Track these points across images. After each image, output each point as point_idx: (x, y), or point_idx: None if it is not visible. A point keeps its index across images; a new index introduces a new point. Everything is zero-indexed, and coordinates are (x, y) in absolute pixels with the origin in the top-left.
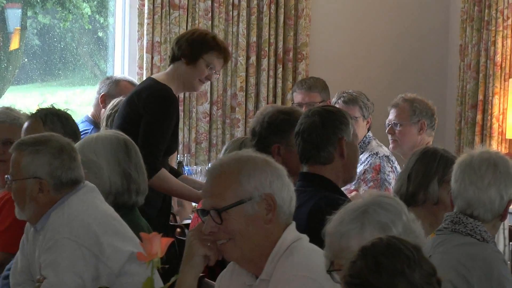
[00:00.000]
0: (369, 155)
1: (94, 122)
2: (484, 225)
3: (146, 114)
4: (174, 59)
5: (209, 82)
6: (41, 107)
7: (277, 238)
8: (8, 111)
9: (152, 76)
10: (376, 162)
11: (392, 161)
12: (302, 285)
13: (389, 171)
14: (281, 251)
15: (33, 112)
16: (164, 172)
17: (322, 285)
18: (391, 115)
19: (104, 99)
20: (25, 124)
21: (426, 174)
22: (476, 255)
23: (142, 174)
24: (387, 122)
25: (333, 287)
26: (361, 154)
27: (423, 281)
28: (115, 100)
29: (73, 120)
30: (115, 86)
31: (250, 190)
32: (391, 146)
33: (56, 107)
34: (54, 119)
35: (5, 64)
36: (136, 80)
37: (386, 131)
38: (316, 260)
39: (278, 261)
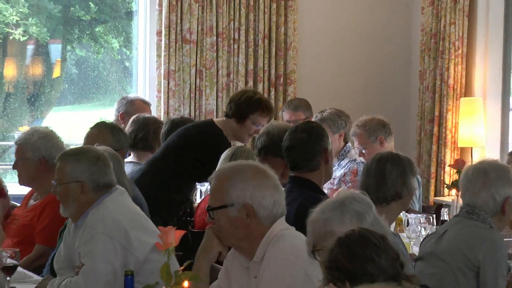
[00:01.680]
0: (349, 161)
1: None
2: (492, 219)
3: (203, 154)
4: (227, 115)
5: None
6: (103, 121)
7: (263, 232)
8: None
9: (213, 120)
10: (354, 167)
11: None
12: (287, 268)
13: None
14: (270, 238)
15: (99, 123)
16: None
17: (305, 268)
18: (355, 143)
19: (123, 117)
20: (91, 132)
21: (403, 173)
22: (486, 236)
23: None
24: (356, 147)
25: (315, 271)
26: (342, 160)
27: (389, 265)
28: (133, 117)
29: (126, 135)
30: (131, 105)
31: (232, 198)
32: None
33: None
34: (119, 132)
35: (49, 89)
36: (154, 101)
37: (358, 155)
38: (300, 246)
39: (268, 246)
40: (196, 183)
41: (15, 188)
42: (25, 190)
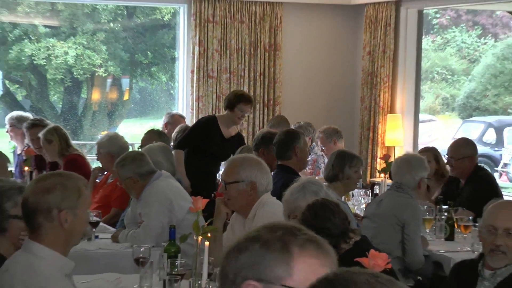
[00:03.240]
0: (312, 154)
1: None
2: (411, 192)
3: (195, 130)
4: (224, 108)
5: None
6: (153, 128)
7: (255, 201)
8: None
9: (215, 115)
10: (314, 157)
11: (323, 156)
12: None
13: (320, 163)
14: (259, 204)
15: (149, 130)
16: (181, 153)
17: None
18: (319, 143)
19: (166, 125)
20: (145, 136)
21: (342, 163)
22: (409, 203)
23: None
24: (319, 146)
25: None
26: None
27: (340, 222)
28: (179, 126)
29: (168, 137)
30: (171, 118)
31: (243, 177)
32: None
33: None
34: (163, 135)
35: (121, 108)
36: (189, 115)
37: (320, 151)
38: (278, 209)
39: (257, 209)
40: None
41: None
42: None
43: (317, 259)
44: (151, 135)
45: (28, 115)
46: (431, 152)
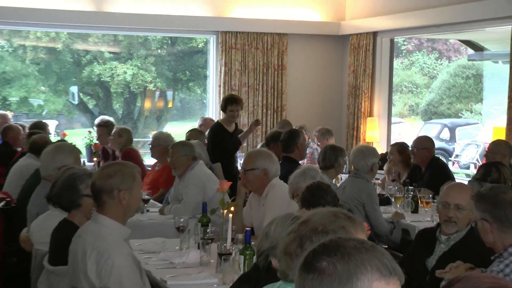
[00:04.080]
0: (309, 148)
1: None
2: (367, 175)
3: (210, 137)
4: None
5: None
6: (195, 128)
7: (267, 183)
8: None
9: (219, 120)
10: (310, 151)
11: (318, 149)
12: (278, 202)
13: (316, 155)
14: (270, 186)
15: (193, 128)
16: (218, 165)
17: (287, 202)
18: (315, 140)
19: (200, 127)
20: (188, 134)
21: (336, 154)
22: (365, 187)
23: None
24: (315, 142)
25: (292, 203)
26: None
27: (331, 200)
28: (210, 127)
29: (205, 135)
30: (204, 121)
31: (258, 165)
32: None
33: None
34: (202, 133)
35: (166, 113)
36: (217, 119)
37: (315, 145)
38: (284, 190)
39: (269, 189)
40: (237, 158)
41: (149, 161)
42: (153, 160)
43: (363, 231)
44: (194, 132)
45: (109, 118)
46: (397, 145)
